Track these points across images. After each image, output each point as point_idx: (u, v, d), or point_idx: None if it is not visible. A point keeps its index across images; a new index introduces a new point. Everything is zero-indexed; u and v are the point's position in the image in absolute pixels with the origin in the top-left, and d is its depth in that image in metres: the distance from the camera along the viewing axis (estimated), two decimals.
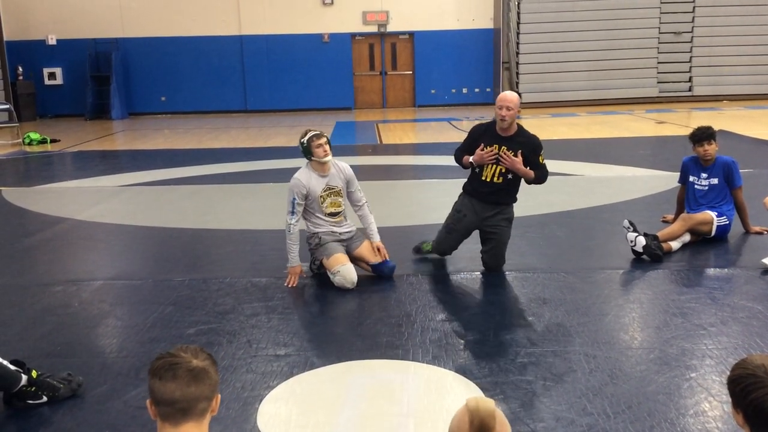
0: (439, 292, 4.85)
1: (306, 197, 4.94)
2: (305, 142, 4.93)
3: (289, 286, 4.91)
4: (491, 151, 5.00)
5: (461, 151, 5.26)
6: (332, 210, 5.04)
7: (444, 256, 5.42)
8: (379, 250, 5.08)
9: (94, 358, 3.83)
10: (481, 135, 5.15)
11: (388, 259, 5.09)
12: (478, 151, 5.04)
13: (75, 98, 20.10)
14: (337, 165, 5.06)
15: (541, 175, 5.08)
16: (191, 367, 1.75)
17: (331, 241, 5.00)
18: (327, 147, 4.94)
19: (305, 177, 4.95)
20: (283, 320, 4.32)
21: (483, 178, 5.10)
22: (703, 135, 5.79)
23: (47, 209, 7.85)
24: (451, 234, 5.26)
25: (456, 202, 5.31)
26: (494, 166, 5.05)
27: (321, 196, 4.96)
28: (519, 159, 4.94)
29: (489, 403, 1.62)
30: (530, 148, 5.02)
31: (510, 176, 5.05)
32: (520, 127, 5.09)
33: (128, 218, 7.40)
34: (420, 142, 13.98)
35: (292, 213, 4.91)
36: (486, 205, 5.14)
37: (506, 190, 5.12)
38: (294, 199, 4.90)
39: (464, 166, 5.24)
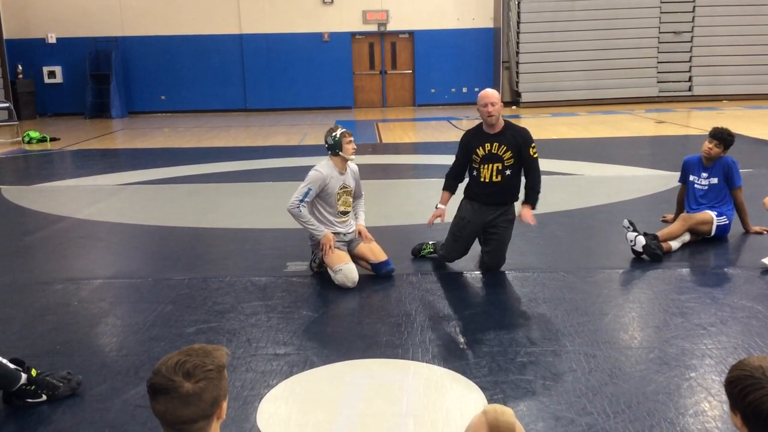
0: (438, 292, 4.85)
1: (321, 191, 4.96)
2: (337, 136, 4.97)
3: (331, 249, 4.88)
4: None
5: (454, 168, 5.32)
6: (344, 209, 5.10)
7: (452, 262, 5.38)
8: (360, 233, 5.15)
9: (93, 357, 3.83)
10: (471, 139, 5.15)
11: (371, 238, 5.17)
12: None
13: (75, 97, 20.11)
14: (349, 166, 5.13)
15: (536, 183, 5.09)
16: (182, 393, 1.70)
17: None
18: (354, 145, 5.08)
19: (327, 171, 4.98)
20: (283, 319, 4.32)
21: (482, 179, 5.10)
22: (718, 133, 5.78)
23: (47, 208, 7.85)
24: (458, 241, 5.23)
25: (459, 208, 5.29)
26: (491, 164, 5.04)
27: (338, 194, 5.01)
28: (529, 215, 5.06)
29: (509, 415, 1.54)
30: (522, 140, 5.03)
31: (508, 172, 5.05)
32: (507, 123, 5.10)
33: (128, 217, 7.40)
34: (420, 141, 13.98)
35: (301, 201, 4.90)
36: (489, 207, 5.13)
37: (508, 188, 5.11)
38: (309, 189, 4.91)
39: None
